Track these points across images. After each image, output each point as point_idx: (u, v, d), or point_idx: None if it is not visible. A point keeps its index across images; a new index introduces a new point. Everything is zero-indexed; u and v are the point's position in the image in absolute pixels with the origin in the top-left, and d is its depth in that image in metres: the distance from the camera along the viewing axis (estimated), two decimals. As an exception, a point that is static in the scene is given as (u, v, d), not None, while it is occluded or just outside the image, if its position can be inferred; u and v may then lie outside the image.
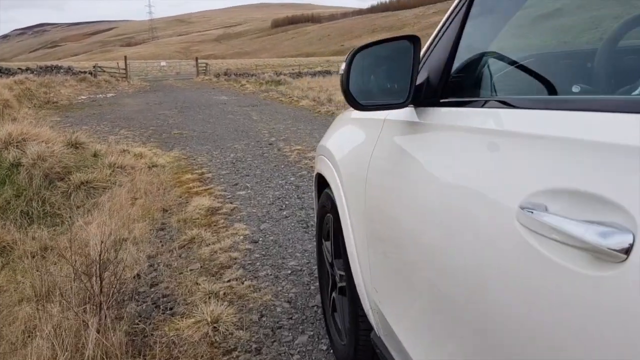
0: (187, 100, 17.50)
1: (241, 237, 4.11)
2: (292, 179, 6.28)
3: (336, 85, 28.58)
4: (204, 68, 34.95)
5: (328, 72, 40.09)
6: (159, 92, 22.41)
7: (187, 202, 5.31)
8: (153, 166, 7.31)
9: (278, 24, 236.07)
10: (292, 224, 4.49)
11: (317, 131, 10.08)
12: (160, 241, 4.17)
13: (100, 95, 20.89)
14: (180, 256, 3.78)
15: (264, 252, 3.80)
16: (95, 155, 7.99)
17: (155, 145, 9.03)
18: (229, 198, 5.45)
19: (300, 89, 22.21)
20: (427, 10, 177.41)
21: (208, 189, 5.93)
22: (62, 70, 32.87)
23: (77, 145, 8.60)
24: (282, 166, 7.04)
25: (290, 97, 16.93)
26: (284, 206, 5.07)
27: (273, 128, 10.53)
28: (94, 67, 32.63)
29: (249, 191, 5.74)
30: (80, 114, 14.10)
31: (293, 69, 44.14)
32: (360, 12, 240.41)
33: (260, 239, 4.10)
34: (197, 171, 6.94)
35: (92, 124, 11.87)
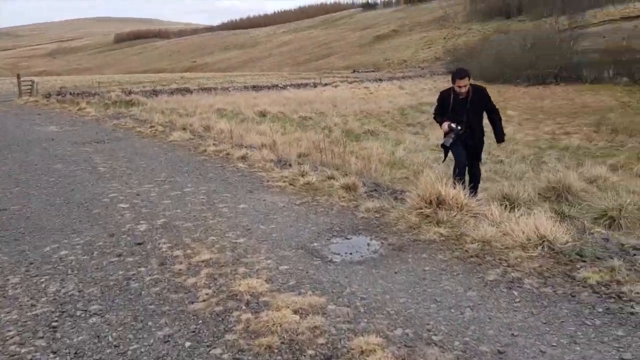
0: (-6, 133, 11.92)
1: None
2: None
3: (202, 105, 24.11)
4: (29, 87, 27.60)
5: (187, 90, 35.19)
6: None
7: None
8: None
9: (122, 39, 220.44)
10: None
11: (217, 195, 5.86)
12: None
13: None
14: None
15: None
16: None
17: None
18: None
19: (161, 112, 17.47)
20: (277, 29, 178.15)
21: None
22: None
23: None
24: (190, 349, 2.79)
25: (152, 127, 12.18)
26: None
27: (137, 194, 6.02)
28: None
29: None
30: None
31: (145, 86, 38.29)
32: (210, 29, 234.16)
33: None
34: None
35: None
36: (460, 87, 6.12)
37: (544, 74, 44.43)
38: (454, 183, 5.30)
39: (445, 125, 6.21)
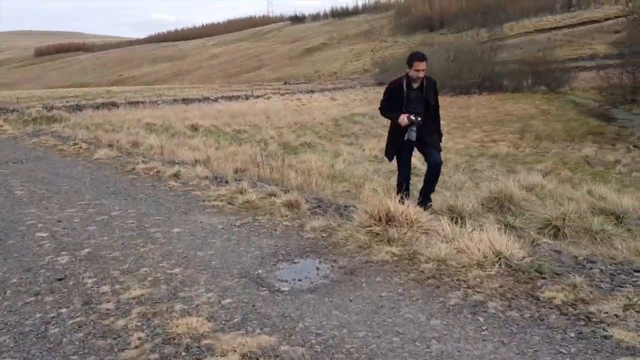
0: None
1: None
2: None
3: (130, 119, 22.99)
4: (-62, 103, 25.48)
5: (113, 104, 33.75)
6: None
7: None
8: None
9: (42, 53, 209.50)
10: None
11: (148, 218, 5.36)
12: None
13: None
14: None
15: None
16: None
17: None
18: None
19: (86, 128, 16.56)
20: (207, 42, 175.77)
21: None
22: None
23: None
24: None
25: (75, 144, 11.34)
26: None
27: (59, 220, 5.41)
28: None
29: None
30: None
31: (68, 101, 36.35)
32: (137, 41, 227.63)
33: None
34: None
35: None
36: (418, 70, 5.54)
37: (467, 84, 46.15)
38: (402, 198, 5.10)
39: (405, 117, 5.54)
